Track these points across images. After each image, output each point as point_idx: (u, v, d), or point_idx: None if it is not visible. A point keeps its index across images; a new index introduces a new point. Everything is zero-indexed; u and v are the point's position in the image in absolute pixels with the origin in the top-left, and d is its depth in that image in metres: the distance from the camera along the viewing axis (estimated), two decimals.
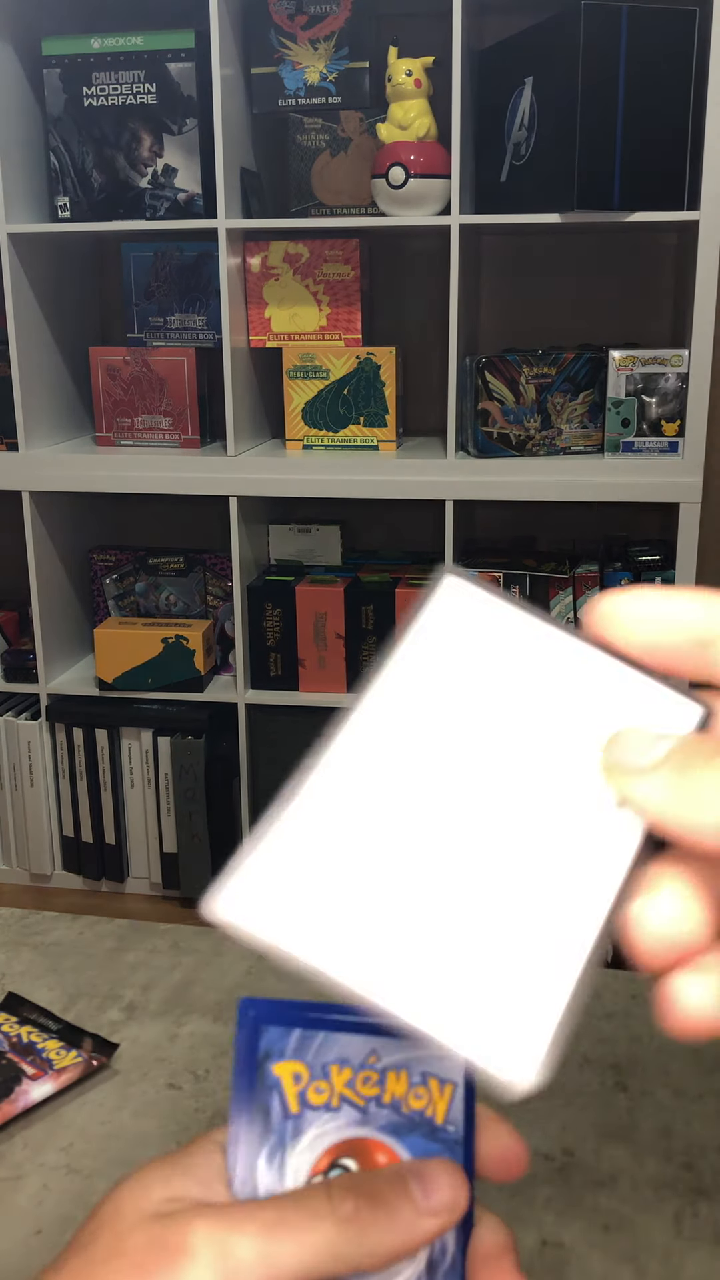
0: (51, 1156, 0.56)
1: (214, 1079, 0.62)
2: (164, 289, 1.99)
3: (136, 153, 1.86)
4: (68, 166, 1.89)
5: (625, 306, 2.04)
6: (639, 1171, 0.54)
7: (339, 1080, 0.37)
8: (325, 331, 1.93)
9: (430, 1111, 0.37)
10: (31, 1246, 0.51)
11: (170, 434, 2.02)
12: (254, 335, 1.95)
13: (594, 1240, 0.51)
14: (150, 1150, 0.57)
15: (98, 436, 2.06)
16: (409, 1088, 0.37)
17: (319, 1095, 0.37)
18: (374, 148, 1.82)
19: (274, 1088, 0.37)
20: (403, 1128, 0.37)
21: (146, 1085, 0.61)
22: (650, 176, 1.67)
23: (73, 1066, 0.61)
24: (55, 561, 2.10)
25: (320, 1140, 0.37)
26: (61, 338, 2.05)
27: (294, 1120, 0.37)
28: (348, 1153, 0.37)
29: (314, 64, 1.80)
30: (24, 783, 2.16)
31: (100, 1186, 0.54)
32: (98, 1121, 0.59)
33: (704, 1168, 0.54)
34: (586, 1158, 0.55)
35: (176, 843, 2.12)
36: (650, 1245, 0.50)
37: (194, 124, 1.83)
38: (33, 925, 0.76)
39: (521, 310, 2.08)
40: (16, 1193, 0.54)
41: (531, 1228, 0.51)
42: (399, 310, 2.09)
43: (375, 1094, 0.37)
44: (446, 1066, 0.38)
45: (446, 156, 1.75)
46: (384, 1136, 0.37)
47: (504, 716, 0.28)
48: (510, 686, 0.29)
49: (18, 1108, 0.58)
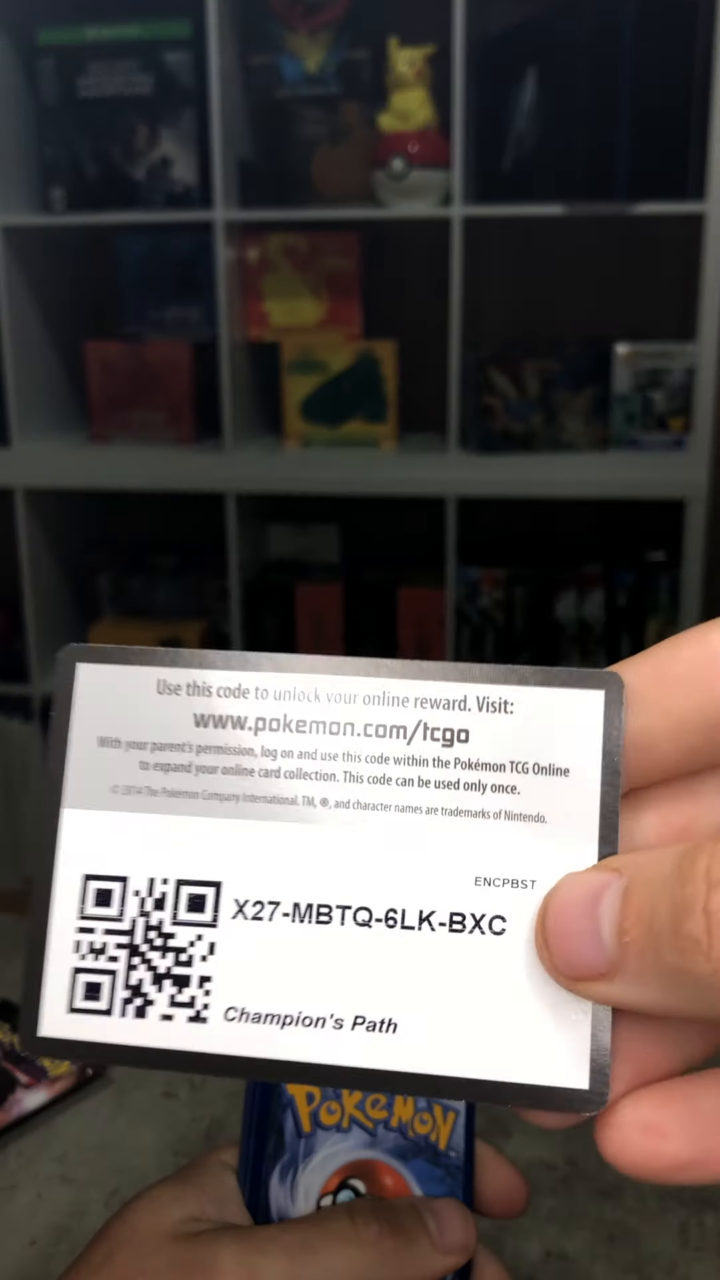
0: (45, 1166, 0.55)
1: (210, 1088, 0.60)
2: (160, 282, 1.97)
3: (132, 144, 1.85)
4: (62, 158, 1.88)
5: (631, 299, 2.02)
6: (644, 1182, 0.53)
7: (349, 1102, 0.37)
8: (324, 325, 1.91)
9: (434, 1137, 0.38)
10: (25, 1258, 0.50)
11: (166, 430, 2.00)
12: (252, 329, 1.93)
13: (598, 1251, 0.50)
14: (146, 1160, 0.55)
15: (92, 432, 2.04)
16: (415, 1113, 0.38)
17: (331, 1116, 0.37)
18: (374, 138, 1.80)
19: (288, 1106, 0.37)
20: (408, 1152, 0.37)
21: (141, 1094, 0.60)
22: (656, 167, 1.65)
23: (67, 1075, 0.59)
24: (48, 560, 2.08)
25: (331, 1161, 0.37)
26: (55, 332, 2.03)
27: (306, 1139, 0.37)
28: (356, 1174, 0.37)
29: (313, 54, 1.79)
30: (17, 786, 2.14)
31: (95, 1196, 0.53)
32: (92, 1131, 0.57)
33: None
34: (590, 1167, 0.54)
35: None
36: (655, 1256, 0.50)
37: (191, 114, 1.81)
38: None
39: (524, 303, 2.06)
40: (9, 1203, 0.53)
41: (535, 1238, 0.50)
42: (399, 303, 2.08)
43: (384, 1117, 0.37)
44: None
45: (448, 147, 1.73)
46: (390, 1160, 0.37)
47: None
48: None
49: (11, 1116, 0.57)
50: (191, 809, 0.25)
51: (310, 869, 0.24)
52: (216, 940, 0.24)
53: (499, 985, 0.24)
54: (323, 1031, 0.24)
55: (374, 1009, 0.24)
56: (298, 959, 0.24)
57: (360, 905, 0.24)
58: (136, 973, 0.24)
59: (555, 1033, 0.23)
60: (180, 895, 0.25)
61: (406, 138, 1.74)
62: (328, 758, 0.24)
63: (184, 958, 0.24)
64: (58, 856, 0.25)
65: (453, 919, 0.24)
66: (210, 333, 1.94)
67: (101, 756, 0.25)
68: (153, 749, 0.25)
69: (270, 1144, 0.37)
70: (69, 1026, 0.24)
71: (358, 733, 0.24)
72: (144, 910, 0.25)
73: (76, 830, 0.25)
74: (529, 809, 0.24)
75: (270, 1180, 0.36)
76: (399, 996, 0.24)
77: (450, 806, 0.24)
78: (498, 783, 0.24)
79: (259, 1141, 0.37)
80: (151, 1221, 0.34)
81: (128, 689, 0.25)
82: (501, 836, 0.24)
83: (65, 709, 0.25)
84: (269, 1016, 0.24)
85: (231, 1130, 0.57)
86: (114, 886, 0.25)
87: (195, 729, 0.25)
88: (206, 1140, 0.56)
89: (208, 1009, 0.24)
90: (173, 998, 0.24)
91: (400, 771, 0.24)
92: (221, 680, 0.25)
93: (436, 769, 0.24)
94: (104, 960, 0.25)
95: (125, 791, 0.25)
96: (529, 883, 0.24)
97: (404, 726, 0.24)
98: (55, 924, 0.25)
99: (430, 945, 0.24)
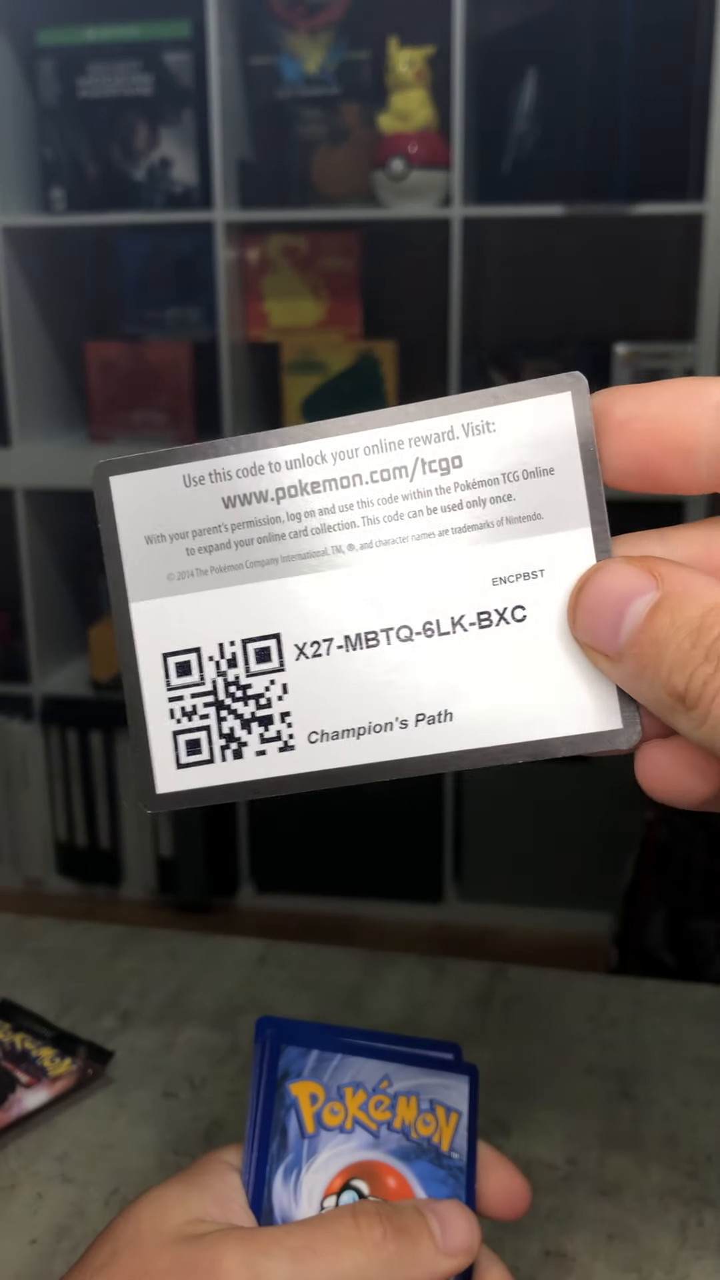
0: (45, 1165, 0.55)
1: (211, 1087, 0.60)
2: (160, 282, 1.98)
3: (132, 144, 1.85)
4: (62, 158, 1.88)
5: (631, 299, 2.02)
6: (643, 1180, 0.53)
7: (353, 1103, 0.38)
8: (324, 325, 1.91)
9: (437, 1138, 0.38)
10: (25, 1256, 0.50)
11: (166, 430, 2.00)
12: (252, 329, 1.93)
13: (598, 1250, 0.50)
14: (147, 1160, 0.55)
15: (92, 432, 2.04)
16: (418, 1114, 0.38)
17: (334, 1117, 0.37)
18: (374, 139, 1.81)
19: (292, 1107, 0.37)
20: (411, 1153, 0.38)
21: (142, 1094, 0.60)
22: (656, 168, 1.65)
23: (67, 1074, 0.60)
24: (49, 560, 2.08)
25: (334, 1161, 0.37)
26: (55, 332, 2.03)
27: (310, 1140, 0.37)
28: (359, 1174, 0.37)
29: (313, 54, 1.79)
30: (17, 786, 2.14)
31: (95, 1196, 0.53)
32: (92, 1130, 0.58)
33: (710, 1177, 0.54)
34: (590, 1166, 0.54)
35: (173, 847, 2.10)
36: (655, 1255, 0.50)
37: (191, 115, 1.82)
38: (26, 931, 0.75)
39: (524, 303, 2.06)
40: (10, 1202, 0.53)
41: (534, 1237, 0.50)
42: (399, 304, 2.08)
43: (387, 1118, 0.38)
44: (453, 1096, 0.39)
45: (447, 148, 1.73)
46: (393, 1160, 0.38)
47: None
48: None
49: (11, 1116, 0.57)
50: (239, 579, 0.28)
51: (351, 605, 0.28)
52: (287, 681, 0.28)
53: (531, 662, 0.27)
54: (392, 733, 0.27)
55: (429, 705, 0.27)
56: (358, 681, 0.28)
57: (401, 625, 0.28)
58: (227, 723, 0.28)
59: (586, 689, 0.27)
60: (248, 651, 0.28)
61: (406, 138, 1.74)
62: (345, 508, 0.28)
63: (263, 701, 0.28)
64: (136, 644, 0.28)
65: (480, 618, 0.27)
66: (210, 333, 1.95)
67: (151, 552, 0.28)
68: (193, 535, 0.28)
69: (274, 1145, 0.37)
70: (181, 780, 0.28)
71: (365, 481, 0.28)
72: (220, 671, 0.28)
73: (146, 619, 0.28)
74: (526, 511, 0.27)
75: (274, 1181, 0.37)
76: (448, 691, 0.27)
77: (458, 525, 0.27)
78: (494, 495, 0.27)
79: (263, 1142, 0.37)
80: (156, 1222, 0.35)
81: (159, 489, 0.28)
82: (507, 540, 0.27)
83: (109, 520, 0.29)
84: (345, 732, 0.28)
85: (232, 1130, 0.57)
86: (190, 657, 0.28)
87: (225, 510, 0.28)
88: (207, 1140, 0.56)
89: (293, 738, 0.28)
90: (262, 736, 0.28)
91: (409, 506, 0.28)
92: (238, 464, 0.28)
93: (440, 496, 0.27)
94: (196, 720, 0.28)
95: (179, 577, 0.28)
96: (539, 573, 0.27)
97: (404, 466, 0.28)
98: (148, 701, 0.28)
99: (466, 643, 0.28)
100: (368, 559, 0.28)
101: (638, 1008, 0.66)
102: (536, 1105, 0.58)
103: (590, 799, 1.89)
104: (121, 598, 0.28)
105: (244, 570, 0.28)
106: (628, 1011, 0.66)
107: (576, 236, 2.01)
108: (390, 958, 0.70)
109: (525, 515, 0.27)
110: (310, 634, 0.28)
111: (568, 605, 0.27)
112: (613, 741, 0.27)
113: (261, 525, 0.28)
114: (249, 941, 0.72)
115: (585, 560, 0.27)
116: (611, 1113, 0.58)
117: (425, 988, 0.68)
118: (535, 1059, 0.61)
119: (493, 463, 0.27)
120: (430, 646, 0.28)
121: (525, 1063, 0.61)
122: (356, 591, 0.28)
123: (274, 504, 0.28)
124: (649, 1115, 0.57)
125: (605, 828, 1.89)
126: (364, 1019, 0.65)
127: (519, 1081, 0.60)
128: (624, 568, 0.26)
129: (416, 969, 0.69)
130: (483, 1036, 0.63)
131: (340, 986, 0.68)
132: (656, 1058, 0.62)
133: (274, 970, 0.70)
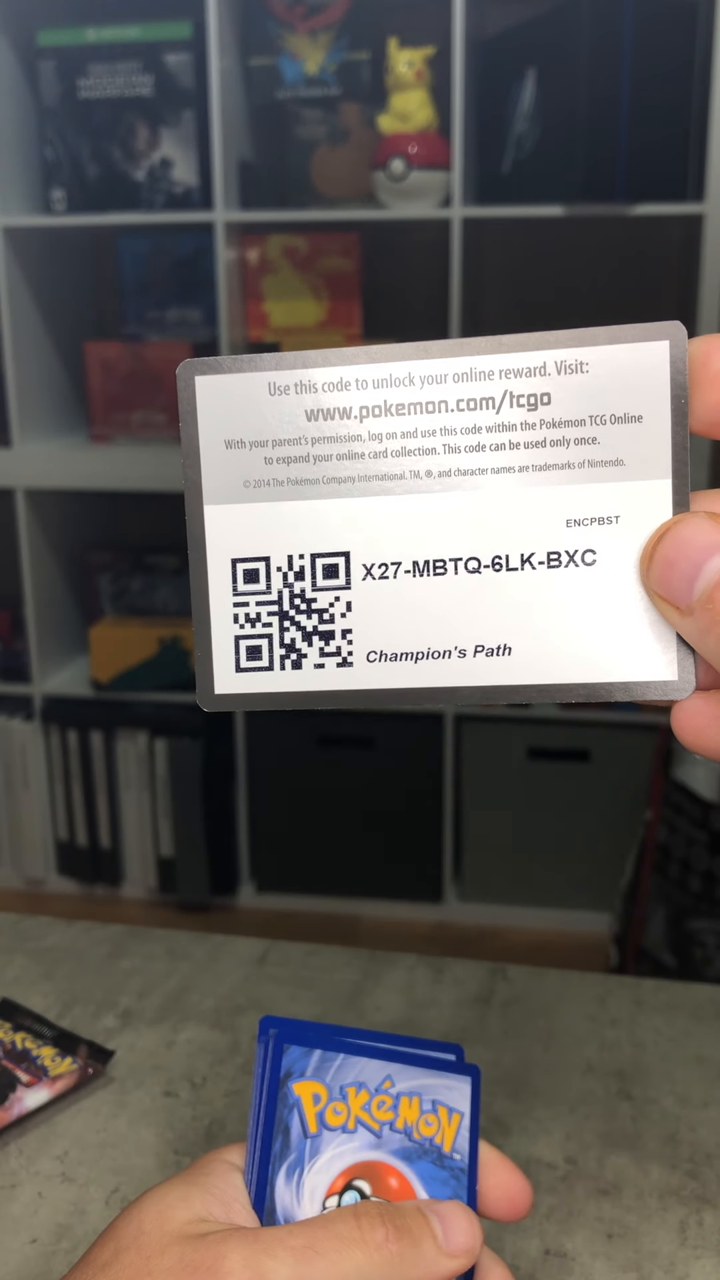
0: (46, 1165, 0.55)
1: (211, 1087, 0.60)
2: (160, 283, 1.98)
3: (133, 145, 1.85)
4: (63, 159, 1.88)
5: (629, 300, 2.02)
6: (643, 1180, 0.53)
7: (355, 1103, 0.38)
8: (324, 325, 1.91)
9: (439, 1139, 0.38)
10: (26, 1255, 0.50)
11: (167, 430, 2.00)
12: (252, 329, 1.93)
13: (597, 1250, 0.50)
14: (147, 1159, 0.55)
15: (92, 432, 2.04)
16: (420, 1114, 0.38)
17: (336, 1117, 0.37)
18: (374, 140, 1.81)
19: (294, 1106, 0.37)
20: (413, 1153, 0.38)
21: (143, 1093, 0.60)
22: (655, 169, 1.65)
23: (68, 1074, 0.60)
24: (49, 560, 2.08)
25: (336, 1161, 0.37)
26: (56, 332, 2.04)
27: (312, 1140, 0.37)
28: (361, 1175, 0.37)
29: (313, 55, 1.79)
30: (18, 785, 2.14)
31: (96, 1195, 0.53)
32: (93, 1129, 0.58)
33: (709, 1176, 0.54)
34: (590, 1166, 0.54)
35: (173, 846, 2.10)
36: (654, 1254, 0.49)
37: (191, 116, 1.82)
38: (26, 930, 0.75)
39: (524, 304, 2.06)
40: (11, 1201, 0.53)
41: (534, 1237, 0.50)
42: (399, 304, 2.08)
43: (389, 1118, 0.38)
44: (455, 1096, 0.39)
45: (447, 148, 1.73)
46: (396, 1161, 0.37)
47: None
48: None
49: (12, 1115, 0.57)
50: (314, 493, 0.28)
51: (423, 531, 0.28)
52: (352, 600, 0.28)
53: (595, 606, 0.27)
54: (449, 661, 0.28)
55: (490, 638, 0.28)
56: (422, 607, 0.28)
57: (470, 556, 0.28)
58: (289, 634, 0.28)
59: (648, 638, 0.27)
60: (316, 566, 0.28)
61: (406, 139, 1.74)
62: (427, 434, 0.28)
63: (327, 616, 0.28)
64: (207, 547, 0.29)
65: (550, 557, 0.28)
66: (210, 333, 1.95)
67: (230, 457, 0.28)
68: (273, 445, 0.28)
69: (277, 1144, 0.37)
70: (239, 683, 0.29)
71: (451, 409, 0.28)
72: (287, 582, 0.28)
73: (219, 523, 0.29)
74: (609, 455, 0.27)
75: (276, 1180, 0.36)
76: (510, 626, 0.28)
77: (539, 463, 0.27)
78: (580, 436, 0.27)
79: (265, 1142, 0.37)
80: (158, 1221, 0.35)
81: (242, 394, 0.28)
82: (586, 483, 0.27)
83: (191, 419, 0.29)
84: (404, 655, 0.28)
85: (232, 1130, 0.57)
86: (258, 566, 0.28)
87: (308, 423, 0.28)
88: (207, 1139, 0.56)
89: (352, 655, 0.28)
90: (322, 649, 0.28)
91: (492, 439, 0.28)
92: (325, 376, 0.28)
93: (524, 431, 0.27)
94: (260, 627, 0.29)
95: (255, 485, 0.28)
96: (614, 518, 0.27)
97: (492, 398, 0.28)
98: (214, 604, 0.29)
99: (532, 581, 0.28)
100: (445, 487, 0.28)
101: (638, 1007, 0.66)
102: (536, 1105, 0.58)
103: (590, 799, 1.89)
104: (196, 500, 0.29)
105: (320, 485, 0.28)
106: (628, 1011, 0.66)
107: (576, 236, 2.01)
108: (390, 958, 0.70)
109: (608, 460, 0.27)
110: (379, 556, 0.28)
111: (642, 554, 0.27)
112: (666, 692, 0.27)
113: (342, 442, 0.28)
114: (249, 941, 0.72)
115: (662, 512, 0.27)
116: (611, 1112, 0.58)
117: (425, 988, 0.68)
118: (535, 1059, 0.61)
119: (582, 404, 0.27)
120: (497, 581, 0.28)
121: (525, 1062, 0.61)
122: (430, 518, 0.28)
123: (356, 422, 0.28)
124: (649, 1115, 0.57)
125: (605, 828, 1.89)
126: (364, 1019, 0.65)
127: (519, 1081, 0.60)
128: (707, 523, 0.26)
129: (416, 969, 0.69)
130: (483, 1036, 0.63)
131: (340, 986, 0.68)
132: (656, 1057, 0.62)
133: (274, 970, 0.70)
